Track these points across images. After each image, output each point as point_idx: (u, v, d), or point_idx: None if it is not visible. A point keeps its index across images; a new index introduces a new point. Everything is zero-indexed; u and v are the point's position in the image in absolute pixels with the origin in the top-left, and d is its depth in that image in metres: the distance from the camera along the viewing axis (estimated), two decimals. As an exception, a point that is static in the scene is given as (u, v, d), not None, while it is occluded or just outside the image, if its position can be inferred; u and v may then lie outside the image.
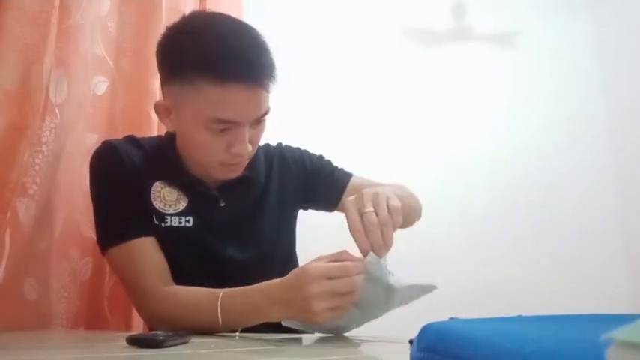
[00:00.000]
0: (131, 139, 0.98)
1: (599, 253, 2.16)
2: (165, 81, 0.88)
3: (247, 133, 0.86)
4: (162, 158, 0.96)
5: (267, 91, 0.86)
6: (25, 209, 0.91)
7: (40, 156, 0.95)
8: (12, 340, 0.75)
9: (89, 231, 1.07)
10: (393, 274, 0.76)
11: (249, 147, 0.87)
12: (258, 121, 0.88)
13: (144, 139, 1.01)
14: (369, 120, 2.07)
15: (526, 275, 2.03)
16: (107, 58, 1.13)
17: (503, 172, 2.17)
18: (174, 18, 1.26)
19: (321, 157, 1.12)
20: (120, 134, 1.07)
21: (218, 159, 0.88)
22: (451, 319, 0.50)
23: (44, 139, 0.96)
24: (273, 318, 0.75)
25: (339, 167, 1.12)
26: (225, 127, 0.84)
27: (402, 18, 2.22)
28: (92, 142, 1.08)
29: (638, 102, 2.26)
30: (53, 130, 0.97)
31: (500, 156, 2.20)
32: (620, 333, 0.18)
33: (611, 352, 0.18)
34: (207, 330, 0.77)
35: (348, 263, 0.71)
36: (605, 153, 2.32)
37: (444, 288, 0.81)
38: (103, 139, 1.01)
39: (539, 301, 1.50)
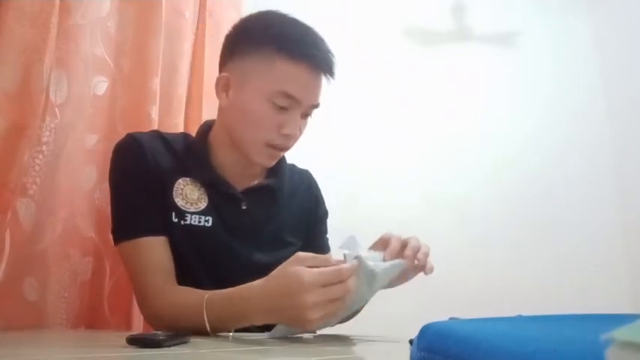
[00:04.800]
0: (157, 134, 0.97)
1: (599, 253, 2.16)
2: (232, 58, 0.93)
3: (299, 119, 0.92)
4: (187, 154, 0.95)
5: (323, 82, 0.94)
6: (25, 209, 0.91)
7: (40, 156, 0.95)
8: (12, 340, 0.75)
9: (89, 231, 1.07)
10: (370, 261, 0.75)
11: (298, 133, 0.93)
12: (307, 113, 0.94)
13: (169, 134, 1.00)
14: (369, 120, 2.07)
15: (526, 275, 2.03)
16: (107, 58, 1.13)
17: (503, 172, 2.17)
18: (175, 18, 1.27)
19: (326, 213, 1.16)
20: (120, 134, 1.07)
21: (266, 137, 0.90)
22: (451, 319, 0.50)
23: (44, 139, 0.96)
24: (259, 323, 0.75)
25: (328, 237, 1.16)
26: (287, 104, 0.89)
27: (402, 18, 2.22)
28: (92, 142, 1.08)
29: (638, 102, 2.26)
30: (53, 130, 0.97)
31: (500, 156, 2.19)
32: (620, 333, 0.18)
33: (611, 352, 0.18)
34: (200, 332, 0.76)
35: (343, 267, 0.69)
36: (605, 153, 2.32)
37: (444, 288, 0.81)
38: (103, 139, 1.01)
39: (539, 301, 1.50)
